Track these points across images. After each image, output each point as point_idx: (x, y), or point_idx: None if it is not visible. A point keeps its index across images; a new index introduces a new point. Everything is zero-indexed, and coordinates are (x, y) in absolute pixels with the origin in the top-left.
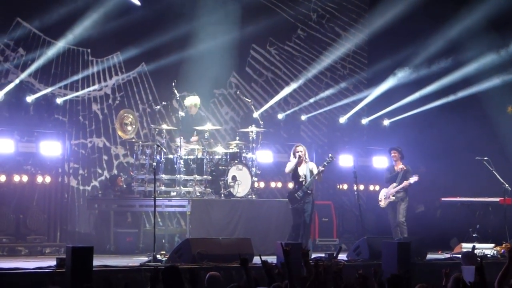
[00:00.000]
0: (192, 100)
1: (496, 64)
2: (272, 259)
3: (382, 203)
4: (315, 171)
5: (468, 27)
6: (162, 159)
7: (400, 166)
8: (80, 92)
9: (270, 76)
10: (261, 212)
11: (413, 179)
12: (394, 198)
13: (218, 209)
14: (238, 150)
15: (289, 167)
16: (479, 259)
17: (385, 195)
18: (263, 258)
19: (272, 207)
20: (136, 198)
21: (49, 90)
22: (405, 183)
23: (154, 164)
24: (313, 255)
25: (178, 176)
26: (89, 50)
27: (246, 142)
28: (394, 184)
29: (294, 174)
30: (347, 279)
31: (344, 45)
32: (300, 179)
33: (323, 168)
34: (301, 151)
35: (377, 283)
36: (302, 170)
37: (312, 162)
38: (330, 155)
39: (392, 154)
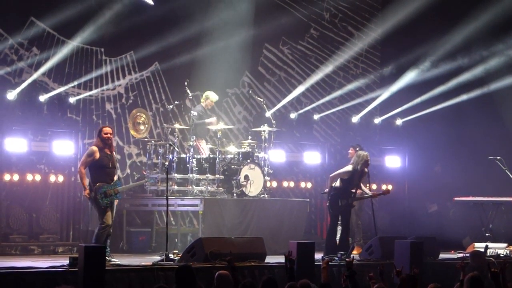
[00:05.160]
0: (214, 96)
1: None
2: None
3: None
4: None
5: (482, 25)
6: (175, 158)
7: None
8: (94, 91)
9: (282, 76)
10: (273, 211)
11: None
12: None
13: (231, 208)
14: (250, 150)
15: (346, 174)
16: (493, 269)
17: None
18: (275, 257)
19: (284, 207)
20: (149, 197)
21: (62, 89)
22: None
23: (167, 163)
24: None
25: (191, 175)
26: (102, 49)
27: (258, 141)
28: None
29: (351, 179)
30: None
31: (357, 44)
32: (353, 188)
33: (378, 195)
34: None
35: (384, 282)
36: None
37: None
38: (387, 188)
39: (349, 151)
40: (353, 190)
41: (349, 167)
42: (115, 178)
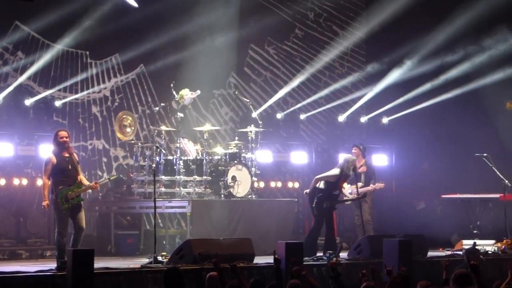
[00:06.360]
0: (183, 91)
1: (498, 59)
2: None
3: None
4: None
5: (466, 22)
6: (162, 160)
7: (361, 164)
8: (80, 95)
9: (268, 76)
10: (261, 212)
11: (379, 185)
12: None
13: (218, 209)
14: (237, 150)
15: (333, 178)
16: (481, 257)
17: (350, 192)
18: (264, 258)
19: (272, 207)
20: (136, 200)
21: (48, 92)
22: (372, 187)
23: (154, 165)
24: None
25: (178, 177)
26: (87, 53)
27: (245, 142)
28: (360, 184)
29: (337, 182)
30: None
31: (342, 43)
32: (337, 192)
33: (359, 199)
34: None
35: (374, 281)
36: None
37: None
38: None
39: (353, 151)
40: (336, 193)
41: (336, 171)
42: (79, 179)
